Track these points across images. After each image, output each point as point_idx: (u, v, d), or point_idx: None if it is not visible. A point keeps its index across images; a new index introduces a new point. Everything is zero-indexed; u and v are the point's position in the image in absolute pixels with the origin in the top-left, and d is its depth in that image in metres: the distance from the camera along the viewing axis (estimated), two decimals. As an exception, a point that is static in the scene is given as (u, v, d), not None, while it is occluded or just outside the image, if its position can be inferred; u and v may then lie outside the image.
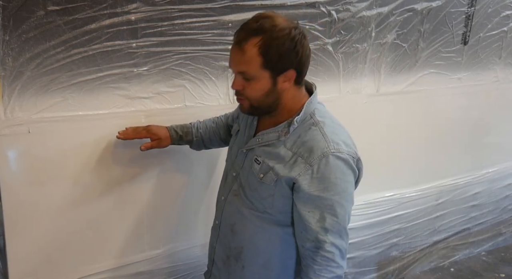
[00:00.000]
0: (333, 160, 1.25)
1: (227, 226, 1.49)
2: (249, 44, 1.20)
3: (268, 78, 1.24)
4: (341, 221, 1.29)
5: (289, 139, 1.31)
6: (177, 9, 1.70)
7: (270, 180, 1.31)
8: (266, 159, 1.33)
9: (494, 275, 3.04)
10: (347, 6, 2.11)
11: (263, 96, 1.27)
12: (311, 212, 1.28)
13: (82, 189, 1.72)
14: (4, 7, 1.41)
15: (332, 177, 1.25)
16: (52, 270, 1.74)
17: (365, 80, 2.34)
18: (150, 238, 1.94)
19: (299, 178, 1.26)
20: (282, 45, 1.20)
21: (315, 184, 1.26)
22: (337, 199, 1.27)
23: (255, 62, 1.21)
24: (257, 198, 1.37)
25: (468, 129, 2.91)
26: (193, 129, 1.73)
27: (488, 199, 3.20)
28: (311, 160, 1.25)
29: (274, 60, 1.21)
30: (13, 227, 1.62)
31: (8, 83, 1.49)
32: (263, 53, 1.20)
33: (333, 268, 1.30)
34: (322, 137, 1.27)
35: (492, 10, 2.66)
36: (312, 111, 1.32)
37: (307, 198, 1.28)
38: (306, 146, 1.27)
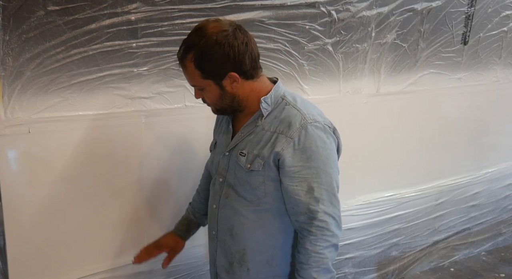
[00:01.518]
0: (311, 130, 1.31)
1: (225, 232, 1.48)
2: (187, 60, 1.30)
3: (213, 85, 1.32)
4: (329, 188, 1.32)
5: (266, 121, 1.36)
6: (177, 9, 1.70)
7: (258, 165, 1.34)
8: (250, 148, 1.37)
9: (494, 275, 3.04)
10: (347, 6, 2.11)
11: (219, 101, 1.36)
12: (298, 185, 1.31)
13: (82, 189, 1.72)
14: (4, 7, 1.41)
15: (314, 146, 1.30)
16: (52, 270, 1.74)
17: (365, 80, 2.34)
18: (150, 238, 1.93)
19: (283, 152, 1.30)
20: (211, 55, 1.26)
21: (298, 155, 1.30)
22: (322, 167, 1.31)
23: (196, 75, 1.31)
24: (249, 190, 1.38)
25: (468, 129, 2.91)
26: (191, 216, 1.74)
27: (488, 199, 3.20)
28: (291, 133, 1.31)
29: (209, 70, 1.29)
30: (13, 227, 1.62)
31: (8, 83, 1.49)
32: (197, 66, 1.29)
33: (328, 236, 1.33)
34: (297, 111, 1.34)
35: (492, 10, 2.66)
36: (282, 94, 1.39)
37: (292, 172, 1.31)
38: (284, 122, 1.33)
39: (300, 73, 2.11)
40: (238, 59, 1.29)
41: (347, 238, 2.54)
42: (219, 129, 1.56)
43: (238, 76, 1.31)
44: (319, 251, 1.32)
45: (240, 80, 1.32)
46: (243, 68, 1.31)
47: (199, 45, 1.26)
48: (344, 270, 2.62)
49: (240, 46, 1.28)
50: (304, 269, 1.34)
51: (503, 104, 3.03)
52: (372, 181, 2.56)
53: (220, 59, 1.27)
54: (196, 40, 1.27)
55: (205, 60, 1.27)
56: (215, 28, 1.27)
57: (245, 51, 1.29)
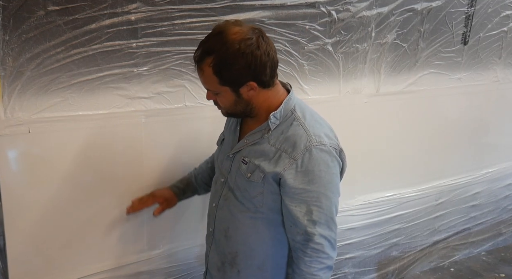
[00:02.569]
0: (316, 153, 1.29)
1: (220, 232, 1.49)
2: (205, 64, 1.25)
3: (230, 92, 1.30)
4: (327, 212, 1.32)
5: (272, 135, 1.34)
6: (177, 9, 1.70)
7: (258, 177, 1.34)
8: (252, 158, 1.36)
9: (494, 275, 3.04)
10: (347, 6, 2.11)
11: (232, 106, 1.34)
12: (297, 206, 1.31)
13: (82, 189, 1.72)
14: (4, 7, 1.41)
15: (316, 170, 1.29)
16: (52, 270, 1.74)
17: (365, 80, 2.34)
18: (150, 238, 1.94)
19: (284, 173, 1.29)
20: (232, 64, 1.22)
21: (300, 178, 1.29)
22: (323, 191, 1.30)
23: (213, 81, 1.27)
24: (248, 197, 1.39)
25: (468, 129, 2.91)
26: (192, 178, 1.77)
27: (488, 199, 3.20)
28: (295, 155, 1.29)
29: (228, 78, 1.26)
30: (13, 227, 1.62)
31: (8, 83, 1.49)
32: (216, 73, 1.24)
33: (323, 259, 1.34)
34: (304, 131, 1.31)
35: (492, 10, 2.66)
36: (292, 107, 1.35)
37: (293, 193, 1.31)
38: (289, 141, 1.31)
39: (300, 73, 2.11)
40: (259, 69, 1.26)
41: (347, 238, 2.54)
42: (228, 125, 1.55)
43: (257, 85, 1.29)
44: (314, 272, 1.34)
45: (258, 89, 1.30)
46: (263, 78, 1.28)
47: (220, 52, 1.22)
48: (344, 270, 2.62)
49: (262, 57, 1.24)
50: None
51: (503, 104, 3.03)
52: (372, 181, 2.55)
53: (241, 69, 1.24)
54: (217, 46, 1.23)
55: (225, 68, 1.23)
56: (237, 34, 1.22)
57: (266, 61, 1.26)
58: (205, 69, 1.26)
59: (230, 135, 1.50)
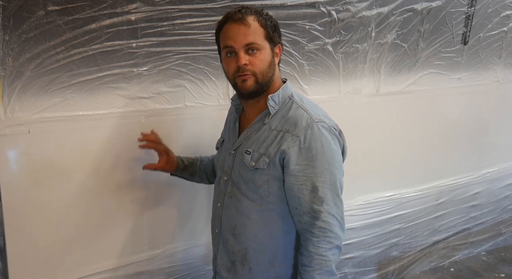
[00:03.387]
0: (317, 129, 1.32)
1: (228, 231, 1.48)
2: (249, 19, 1.32)
3: (269, 49, 1.36)
4: (333, 188, 1.32)
5: (273, 120, 1.38)
6: (177, 9, 1.70)
7: (263, 163, 1.35)
8: (256, 147, 1.38)
9: (494, 275, 3.04)
10: (347, 6, 2.11)
11: (267, 68, 1.36)
12: (303, 184, 1.31)
13: (82, 189, 1.71)
14: (4, 7, 1.41)
15: (319, 145, 1.31)
16: (52, 270, 1.74)
17: (365, 80, 2.34)
18: (150, 238, 1.94)
19: (288, 150, 1.31)
20: (272, 21, 1.36)
21: (304, 154, 1.31)
22: (327, 167, 1.31)
23: (260, 33, 1.33)
24: (253, 188, 1.39)
25: (468, 129, 2.91)
26: (198, 162, 1.77)
27: (488, 199, 3.20)
28: (297, 132, 1.32)
29: (271, 32, 1.35)
30: (13, 227, 1.62)
31: (8, 83, 1.49)
32: (263, 26, 1.33)
33: (331, 238, 1.31)
34: (304, 111, 1.36)
35: (492, 10, 2.66)
36: (290, 94, 1.41)
37: (297, 170, 1.32)
38: (291, 121, 1.35)
39: (300, 73, 2.11)
40: (281, 37, 1.41)
41: (348, 238, 2.54)
42: (226, 128, 1.57)
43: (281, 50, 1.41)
44: (322, 253, 1.31)
45: (279, 56, 1.41)
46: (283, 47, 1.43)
47: (260, 12, 1.35)
48: (344, 270, 2.62)
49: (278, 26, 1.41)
50: (307, 272, 1.33)
51: (503, 104, 3.03)
52: (372, 181, 2.55)
53: (277, 28, 1.38)
54: (253, 10, 1.35)
55: (268, 23, 1.34)
56: None
57: None
58: (251, 23, 1.32)
59: (230, 134, 1.52)
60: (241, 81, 1.35)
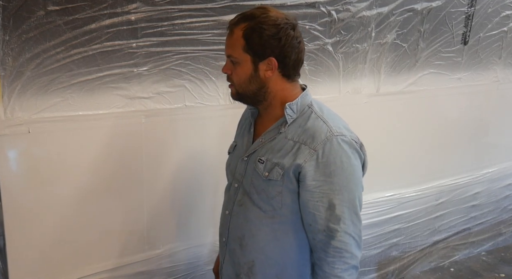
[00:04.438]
0: (337, 143, 1.23)
1: (235, 241, 1.39)
2: (238, 28, 1.23)
3: (249, 63, 1.25)
4: (351, 206, 1.24)
5: (290, 129, 1.28)
6: (177, 9, 1.70)
7: (277, 175, 1.26)
8: (270, 156, 1.29)
9: (494, 275, 3.04)
10: (347, 6, 2.11)
11: (246, 82, 1.27)
12: (319, 201, 1.23)
13: (82, 189, 1.72)
14: (4, 7, 1.41)
15: (338, 161, 1.22)
16: (52, 270, 1.74)
17: (365, 80, 2.34)
18: (150, 238, 1.94)
19: (305, 164, 1.23)
20: (265, 31, 1.21)
21: (321, 169, 1.22)
22: (345, 184, 1.23)
23: (238, 45, 1.23)
24: (265, 199, 1.30)
25: (468, 129, 2.91)
26: None
27: (488, 199, 3.20)
28: (315, 145, 1.23)
29: (255, 45, 1.22)
30: (13, 227, 1.62)
31: (8, 83, 1.49)
32: (246, 36, 1.22)
33: (347, 259, 1.24)
34: (323, 123, 1.26)
35: (492, 10, 2.66)
36: (309, 103, 1.32)
37: (314, 186, 1.23)
38: (308, 132, 1.25)
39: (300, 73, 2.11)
40: (285, 49, 1.24)
41: (347, 238, 2.54)
42: (240, 131, 1.48)
43: (277, 65, 1.25)
44: (338, 274, 1.24)
45: (276, 71, 1.26)
46: (285, 61, 1.26)
47: (258, 18, 1.22)
48: (344, 270, 2.62)
49: (293, 40, 1.25)
50: None
51: (503, 104, 3.03)
52: (372, 181, 2.55)
53: (271, 39, 1.22)
54: (257, 13, 1.23)
55: (256, 33, 1.22)
56: (279, 13, 1.25)
57: (295, 47, 1.26)
58: (236, 32, 1.24)
59: (244, 138, 1.42)
60: (229, 87, 1.34)
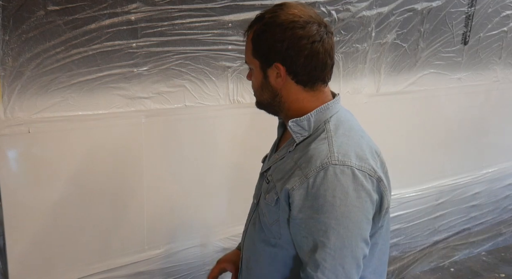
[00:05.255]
0: (333, 174, 1.01)
1: (244, 261, 1.27)
2: (251, 31, 1.12)
3: (258, 69, 1.12)
4: (336, 255, 1.00)
5: (298, 150, 1.10)
6: (177, 9, 1.70)
7: (271, 199, 1.11)
8: (274, 176, 1.13)
9: (494, 275, 3.04)
10: (347, 6, 2.11)
11: (259, 90, 1.15)
12: (304, 238, 1.04)
13: (82, 189, 1.72)
14: (4, 7, 1.41)
15: (329, 195, 1.00)
16: (52, 270, 1.74)
17: (365, 80, 2.34)
18: (150, 238, 1.94)
19: (293, 192, 1.04)
20: (268, 33, 1.07)
21: (310, 201, 1.02)
22: (333, 225, 1.00)
23: (248, 49, 1.13)
24: (266, 224, 1.15)
25: (468, 129, 2.91)
26: None
27: (488, 199, 3.20)
28: (307, 171, 1.03)
29: (260, 49, 1.09)
30: (13, 227, 1.62)
31: (8, 83, 1.49)
32: (254, 39, 1.10)
33: None
34: (326, 146, 1.05)
35: (492, 10, 2.66)
36: (327, 118, 1.11)
37: (300, 219, 1.04)
38: (307, 155, 1.06)
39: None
40: (292, 52, 1.06)
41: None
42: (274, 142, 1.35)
43: (285, 72, 1.08)
44: None
45: (286, 78, 1.09)
46: (293, 66, 1.08)
47: (264, 19, 1.08)
48: (344, 270, 2.62)
49: (303, 40, 1.05)
50: None
51: (503, 104, 3.03)
52: (372, 181, 2.55)
53: (275, 41, 1.06)
54: (267, 13, 1.09)
55: (263, 37, 1.08)
56: (297, 11, 1.07)
57: (303, 49, 1.05)
58: (249, 36, 1.13)
59: (270, 151, 1.29)
60: None
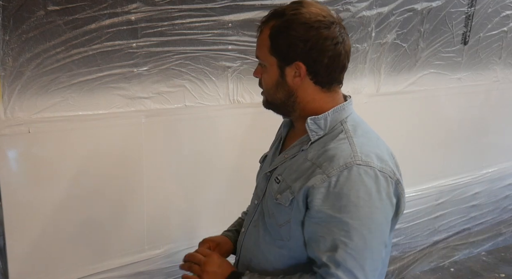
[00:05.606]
0: (357, 174, 1.00)
1: (243, 265, 1.24)
2: (267, 26, 1.08)
3: (275, 66, 1.09)
4: (358, 256, 0.99)
5: (313, 148, 1.09)
6: (177, 9, 1.70)
7: (286, 199, 1.08)
8: (286, 176, 1.11)
9: (494, 275, 3.04)
10: (347, 6, 2.11)
11: (273, 88, 1.11)
12: (322, 237, 1.02)
13: (82, 189, 1.71)
14: (4, 7, 1.41)
15: (353, 196, 0.99)
16: (52, 270, 1.74)
17: (365, 80, 2.34)
18: (150, 238, 1.94)
19: (313, 190, 1.02)
20: (291, 31, 1.04)
21: (331, 201, 1.01)
22: (356, 226, 0.99)
23: (265, 45, 1.09)
24: (274, 225, 1.12)
25: (468, 129, 2.91)
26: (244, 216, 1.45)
27: (488, 199, 3.20)
28: (330, 170, 1.01)
29: (281, 47, 1.06)
30: (13, 227, 1.62)
31: (8, 83, 1.49)
32: (272, 36, 1.07)
33: None
34: (348, 145, 1.05)
35: (492, 10, 2.66)
36: (343, 119, 1.12)
37: (319, 218, 1.02)
38: (328, 154, 1.04)
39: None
40: (316, 51, 1.05)
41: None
42: (274, 141, 1.33)
43: (306, 71, 1.07)
44: None
45: (306, 78, 1.08)
46: (316, 66, 1.07)
47: (287, 16, 1.05)
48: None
49: (327, 41, 1.04)
50: None
51: (503, 104, 3.03)
52: (372, 181, 2.55)
53: (297, 40, 1.04)
54: (288, 10, 1.06)
55: (283, 33, 1.05)
56: (317, 9, 1.06)
57: (327, 50, 1.05)
58: (264, 31, 1.09)
59: (272, 151, 1.27)
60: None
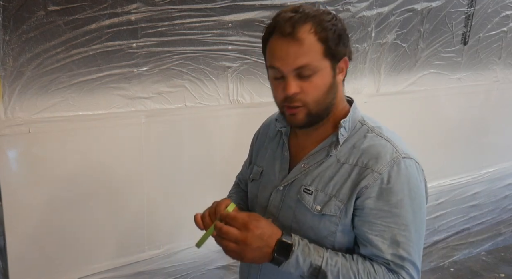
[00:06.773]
0: (404, 167, 1.02)
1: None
2: (303, 32, 0.97)
3: (329, 69, 1.02)
4: (417, 247, 1.03)
5: (341, 151, 1.06)
6: (177, 9, 1.70)
7: (335, 209, 1.03)
8: (320, 185, 1.06)
9: (494, 275, 3.04)
10: (347, 6, 2.11)
11: (325, 94, 1.03)
12: (379, 235, 1.00)
13: (82, 189, 1.72)
14: (5, 7, 1.41)
15: (406, 188, 1.01)
16: (52, 270, 1.74)
17: (365, 80, 2.34)
18: (150, 238, 1.94)
19: (366, 190, 1.00)
20: (335, 30, 0.99)
21: (385, 197, 1.00)
22: (412, 218, 1.02)
23: (316, 51, 0.98)
24: (313, 238, 1.05)
25: (468, 129, 2.91)
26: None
27: (488, 199, 3.20)
28: (379, 167, 1.01)
29: (334, 46, 1.00)
30: (13, 227, 1.62)
31: (9, 83, 1.49)
32: (322, 38, 0.98)
33: None
34: (385, 141, 1.05)
35: (492, 10, 2.66)
36: (360, 118, 1.13)
37: (374, 215, 1.00)
38: (369, 153, 1.03)
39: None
40: (349, 44, 1.03)
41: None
42: (263, 153, 1.23)
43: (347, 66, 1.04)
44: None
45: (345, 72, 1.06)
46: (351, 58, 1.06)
47: (320, 15, 0.98)
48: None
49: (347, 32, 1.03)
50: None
51: (503, 104, 3.03)
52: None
53: (345, 35, 1.01)
54: (311, 12, 0.99)
55: (331, 32, 0.98)
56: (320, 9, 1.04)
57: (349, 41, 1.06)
58: (305, 38, 0.97)
59: (274, 163, 1.17)
60: (289, 115, 1.05)
